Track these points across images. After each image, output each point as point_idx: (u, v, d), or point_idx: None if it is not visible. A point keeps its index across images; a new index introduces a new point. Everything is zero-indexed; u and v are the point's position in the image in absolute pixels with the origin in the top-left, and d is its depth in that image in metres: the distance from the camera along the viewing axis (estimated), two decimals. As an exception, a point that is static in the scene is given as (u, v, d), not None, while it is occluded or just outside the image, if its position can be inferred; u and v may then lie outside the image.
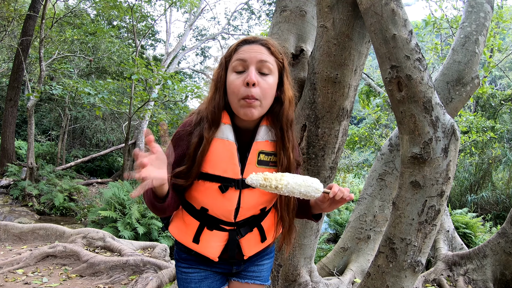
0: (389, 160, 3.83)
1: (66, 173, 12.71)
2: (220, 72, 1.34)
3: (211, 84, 1.38)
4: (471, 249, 4.65)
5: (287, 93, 1.37)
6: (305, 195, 1.23)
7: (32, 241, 4.58)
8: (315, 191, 1.23)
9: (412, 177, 1.97)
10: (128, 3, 11.50)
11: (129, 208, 7.10)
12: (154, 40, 21.14)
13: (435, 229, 2.07)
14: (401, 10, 1.79)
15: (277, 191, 1.20)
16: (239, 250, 1.44)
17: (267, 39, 1.34)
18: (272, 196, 1.40)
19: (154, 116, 12.16)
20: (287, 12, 2.71)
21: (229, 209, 1.35)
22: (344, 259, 3.98)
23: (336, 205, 1.32)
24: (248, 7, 19.81)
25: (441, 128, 1.89)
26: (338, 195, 1.26)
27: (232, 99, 1.29)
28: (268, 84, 1.29)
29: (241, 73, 1.28)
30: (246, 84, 1.24)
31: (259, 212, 1.43)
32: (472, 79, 3.74)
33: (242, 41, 1.34)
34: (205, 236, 1.40)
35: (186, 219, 1.43)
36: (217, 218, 1.38)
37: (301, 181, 1.22)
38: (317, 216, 1.48)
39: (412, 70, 1.78)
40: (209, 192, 1.33)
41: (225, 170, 1.31)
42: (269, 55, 1.31)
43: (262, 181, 1.19)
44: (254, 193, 1.35)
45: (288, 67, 1.42)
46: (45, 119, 17.40)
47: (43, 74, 9.87)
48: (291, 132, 1.38)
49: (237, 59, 1.29)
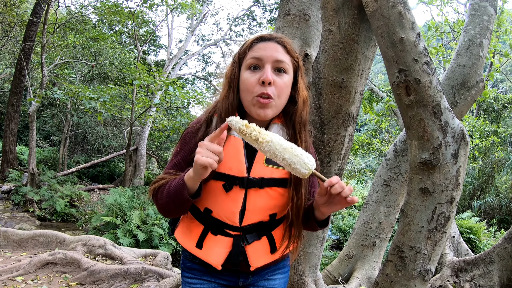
0: (394, 166, 3.78)
1: (68, 179, 12.68)
2: (234, 69, 1.31)
3: (224, 81, 1.34)
4: (477, 254, 4.58)
5: (301, 92, 1.33)
6: (289, 165, 1.09)
7: (32, 248, 4.53)
8: (302, 165, 1.08)
9: (421, 183, 1.92)
10: (130, 9, 11.52)
11: (129, 214, 7.04)
12: (156, 46, 21.17)
13: (445, 236, 2.02)
14: (408, 13, 1.75)
15: (257, 145, 1.10)
16: (244, 259, 1.33)
17: (282, 37, 1.30)
18: (284, 201, 1.32)
19: (156, 122, 12.13)
20: (291, 16, 2.67)
21: (233, 210, 1.28)
22: (349, 267, 3.92)
23: (336, 205, 1.20)
24: (250, 13, 19.85)
25: (451, 133, 1.84)
26: (335, 187, 1.11)
27: (245, 97, 1.26)
28: (284, 82, 1.26)
29: (256, 71, 1.25)
30: (262, 82, 1.21)
31: (268, 219, 1.34)
32: (477, 82, 3.70)
33: (258, 38, 1.30)
34: (209, 241, 1.32)
35: (191, 223, 1.37)
36: (222, 222, 1.31)
37: (287, 146, 1.09)
38: (321, 223, 1.35)
39: (421, 74, 1.74)
40: (213, 191, 1.27)
41: (230, 168, 1.25)
42: (285, 53, 1.28)
43: (242, 126, 1.09)
44: (261, 194, 1.28)
45: (303, 66, 1.39)
46: (47, 124, 17.40)
47: (45, 80, 9.86)
48: (304, 133, 1.33)
49: (252, 57, 1.26)
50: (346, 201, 1.14)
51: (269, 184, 1.28)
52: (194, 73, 21.83)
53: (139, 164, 13.89)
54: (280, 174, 1.29)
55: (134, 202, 7.80)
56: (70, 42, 13.05)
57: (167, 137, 15.62)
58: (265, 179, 1.28)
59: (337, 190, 1.11)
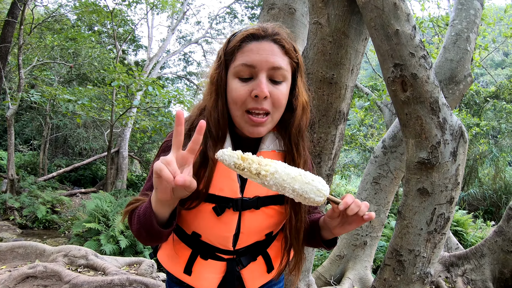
0: (383, 163, 3.70)
1: (49, 184, 12.31)
2: (220, 72, 1.07)
3: (209, 86, 1.11)
4: (468, 249, 4.58)
5: (300, 98, 1.12)
6: (301, 195, 0.91)
7: (12, 261, 4.30)
8: (315, 193, 0.92)
9: (420, 184, 1.82)
10: (108, 8, 11.22)
11: (113, 220, 6.81)
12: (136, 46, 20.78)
13: (445, 237, 1.93)
14: (403, 4, 1.64)
15: (259, 180, 0.90)
16: (240, 283, 1.18)
17: (279, 32, 1.07)
18: (281, 218, 1.16)
19: (137, 123, 11.85)
20: (275, 10, 2.56)
21: (225, 235, 1.11)
22: (341, 267, 3.83)
23: (350, 225, 1.04)
24: (231, 11, 19.66)
25: (449, 130, 1.75)
26: (351, 208, 0.95)
27: (234, 110, 1.05)
28: (281, 93, 1.05)
29: (247, 81, 1.03)
30: (255, 96, 1.00)
31: (264, 238, 1.19)
32: (465, 77, 3.66)
33: (248, 35, 1.05)
34: (199, 267, 1.16)
35: (176, 245, 1.20)
36: (213, 246, 1.14)
37: (296, 174, 0.91)
38: (328, 242, 1.17)
39: (418, 68, 1.63)
40: (202, 215, 1.09)
41: (220, 188, 1.06)
42: (283, 56, 1.05)
43: (237, 160, 0.87)
44: (257, 215, 1.11)
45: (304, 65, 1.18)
46: (27, 128, 16.89)
47: (22, 82, 9.52)
48: (302, 144, 1.14)
49: (242, 64, 1.02)
50: (362, 219, 0.98)
51: (265, 203, 1.11)
52: (175, 73, 21.51)
53: (121, 167, 13.58)
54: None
55: (116, 207, 7.58)
56: (48, 43, 12.66)
57: (149, 137, 15.32)
58: (261, 198, 1.11)
59: (353, 210, 0.96)
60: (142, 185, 13.92)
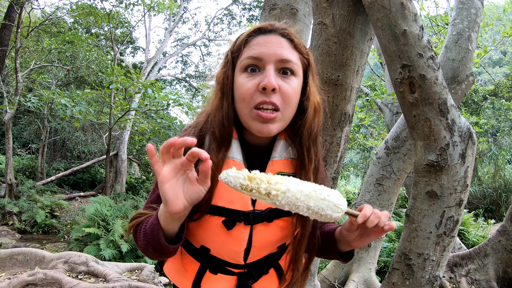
0: (386, 164, 3.67)
1: (48, 188, 12.23)
2: (227, 71, 1.02)
3: (215, 87, 1.06)
4: (471, 249, 4.56)
5: (312, 98, 1.04)
6: (317, 212, 0.84)
7: (11, 267, 4.25)
8: (332, 209, 0.84)
9: (428, 186, 1.78)
10: (105, 10, 11.17)
11: (112, 224, 6.74)
12: (133, 48, 20.72)
13: (454, 240, 1.89)
14: (410, 3, 1.61)
15: (270, 200, 0.83)
16: None
17: (287, 28, 1.02)
18: (294, 229, 1.09)
19: (135, 126, 11.80)
20: (277, 10, 2.51)
21: (236, 250, 1.05)
22: (345, 270, 3.80)
23: (370, 237, 0.97)
24: (229, 12, 19.62)
25: (458, 132, 1.71)
26: (371, 220, 0.88)
27: (242, 108, 0.99)
28: (292, 88, 0.98)
29: (254, 74, 0.97)
30: (262, 89, 0.94)
31: (276, 250, 1.13)
32: (467, 76, 3.64)
33: (255, 30, 1.01)
34: (208, 281, 1.10)
35: (184, 258, 1.13)
36: (222, 260, 1.09)
37: (311, 190, 0.83)
38: (345, 255, 1.11)
39: (426, 69, 1.60)
40: (211, 229, 1.02)
41: (231, 200, 1.00)
42: (291, 49, 0.99)
43: (244, 181, 0.80)
44: (270, 228, 1.04)
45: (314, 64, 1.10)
46: (25, 131, 16.81)
47: (19, 86, 9.45)
48: (314, 149, 1.05)
49: (248, 56, 0.97)
50: (383, 230, 0.92)
51: (278, 215, 1.04)
52: (174, 75, 21.45)
53: (120, 170, 13.51)
54: None
55: (116, 211, 7.52)
56: (45, 46, 12.59)
57: (148, 140, 15.25)
58: (273, 209, 1.03)
59: (373, 222, 0.89)
60: (141, 188, 13.84)
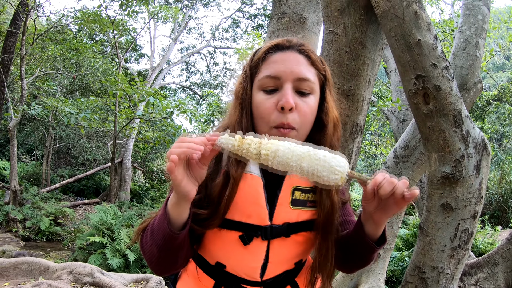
0: (395, 173, 3.62)
1: (52, 195, 12.23)
2: (245, 86, 1.02)
3: (234, 101, 1.06)
4: (480, 257, 4.49)
5: (330, 114, 1.04)
6: (313, 174, 0.79)
7: (15, 277, 4.22)
8: (329, 170, 0.78)
9: (443, 199, 1.74)
10: (109, 17, 11.23)
11: (117, 233, 6.68)
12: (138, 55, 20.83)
13: (468, 253, 1.85)
14: (424, 13, 1.58)
15: (262, 162, 0.82)
16: None
17: (304, 44, 1.02)
18: (311, 245, 1.07)
19: (140, 134, 11.82)
20: (286, 19, 2.50)
21: (253, 266, 1.02)
22: (354, 281, 3.74)
23: (391, 208, 0.87)
24: (234, 21, 19.68)
25: (472, 143, 1.68)
26: (384, 187, 0.81)
27: (261, 125, 1.00)
28: (309, 106, 0.98)
29: (272, 93, 0.98)
30: (281, 108, 0.94)
31: (293, 267, 1.10)
32: (475, 83, 3.61)
33: (272, 46, 1.02)
34: None
35: (198, 275, 1.11)
36: (238, 277, 1.06)
37: (303, 151, 0.80)
38: (377, 241, 1.00)
39: (441, 80, 1.57)
40: (227, 244, 1.01)
41: (248, 215, 0.98)
42: (309, 66, 1.00)
43: (235, 142, 0.82)
44: (287, 243, 1.02)
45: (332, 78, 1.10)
46: (30, 138, 16.87)
47: (24, 93, 9.49)
48: None
49: (266, 76, 0.98)
50: (403, 200, 0.82)
51: (295, 230, 1.02)
52: (178, 83, 21.53)
53: (125, 177, 13.51)
54: (308, 216, 1.03)
55: (121, 220, 7.47)
56: (50, 53, 12.67)
57: (152, 147, 15.26)
58: (291, 224, 1.01)
59: (386, 190, 0.81)
60: (145, 196, 13.81)
